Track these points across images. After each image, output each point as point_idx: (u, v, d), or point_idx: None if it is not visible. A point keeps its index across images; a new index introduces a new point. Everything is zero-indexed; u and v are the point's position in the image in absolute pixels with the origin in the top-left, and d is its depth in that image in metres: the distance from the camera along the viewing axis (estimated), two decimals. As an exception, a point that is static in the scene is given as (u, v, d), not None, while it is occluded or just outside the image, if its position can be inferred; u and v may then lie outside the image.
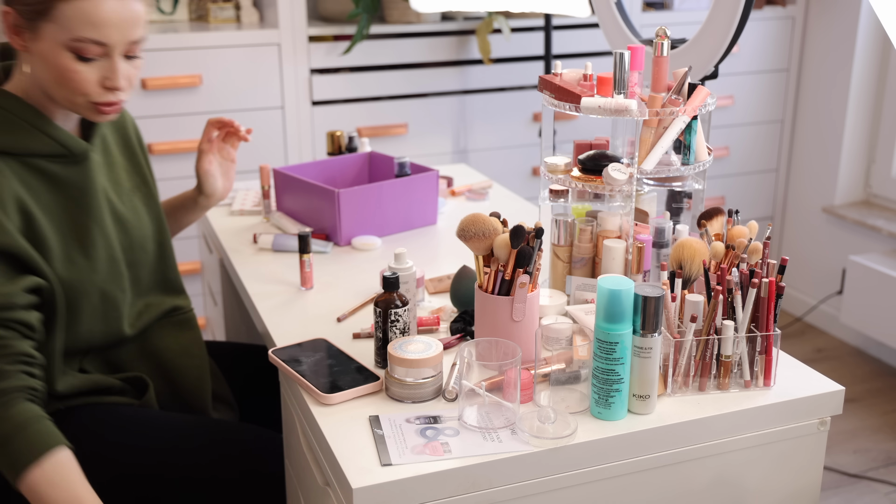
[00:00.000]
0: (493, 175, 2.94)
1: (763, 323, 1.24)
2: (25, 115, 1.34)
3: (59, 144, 1.36)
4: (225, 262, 1.87)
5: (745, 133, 3.41)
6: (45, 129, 1.35)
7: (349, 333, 1.43)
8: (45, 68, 1.31)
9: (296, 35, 2.77)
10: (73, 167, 1.39)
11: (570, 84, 1.42)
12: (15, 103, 1.34)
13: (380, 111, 2.92)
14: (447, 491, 1.09)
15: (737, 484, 1.25)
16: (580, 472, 1.15)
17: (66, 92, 1.32)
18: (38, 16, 1.28)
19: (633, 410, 1.20)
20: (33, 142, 1.34)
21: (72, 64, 1.29)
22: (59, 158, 1.37)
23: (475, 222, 1.27)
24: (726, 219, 1.37)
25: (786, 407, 1.24)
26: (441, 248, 1.83)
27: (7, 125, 1.33)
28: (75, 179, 1.39)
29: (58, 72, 1.30)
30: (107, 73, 1.32)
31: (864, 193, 3.30)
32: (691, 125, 1.37)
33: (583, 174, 1.43)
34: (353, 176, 2.04)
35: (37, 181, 1.35)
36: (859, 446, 2.61)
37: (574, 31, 3.07)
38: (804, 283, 3.44)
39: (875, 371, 3.05)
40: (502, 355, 1.20)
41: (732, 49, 1.75)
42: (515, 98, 3.07)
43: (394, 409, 1.21)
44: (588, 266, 1.47)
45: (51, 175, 1.37)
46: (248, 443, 1.48)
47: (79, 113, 1.36)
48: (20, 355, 1.27)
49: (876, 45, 3.14)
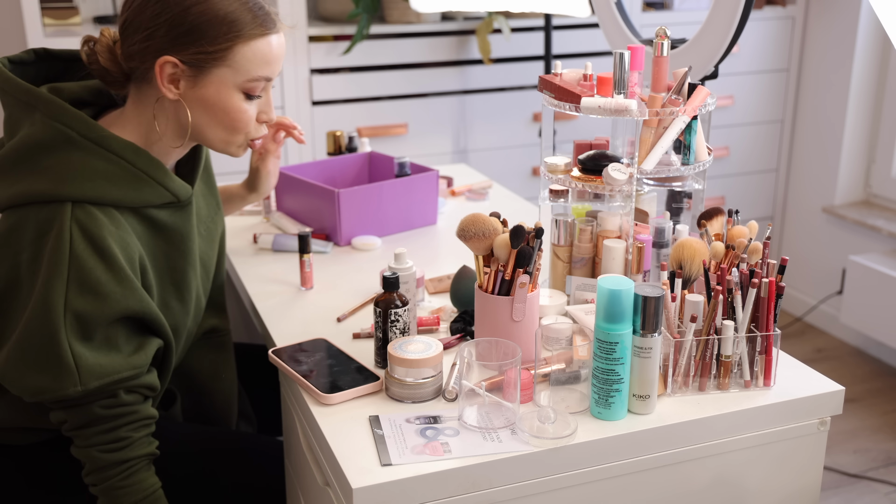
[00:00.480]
0: (493, 175, 2.94)
1: (763, 323, 1.24)
2: (149, 168, 1.29)
3: (171, 194, 1.33)
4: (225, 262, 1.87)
5: (745, 133, 3.41)
6: (162, 181, 1.31)
7: (349, 333, 1.43)
8: (204, 112, 1.29)
9: (296, 35, 2.77)
10: (178, 213, 1.37)
11: (570, 84, 1.42)
12: (141, 157, 1.29)
13: (380, 111, 2.92)
14: (447, 491, 1.09)
15: (737, 484, 1.25)
16: (580, 472, 1.15)
17: (227, 133, 1.32)
18: (213, 63, 1.26)
19: (633, 410, 1.20)
20: (152, 194, 1.30)
21: (241, 104, 1.30)
22: (167, 206, 1.34)
23: (475, 222, 1.27)
24: (726, 219, 1.37)
25: (786, 407, 1.24)
26: (441, 248, 1.83)
27: (133, 180, 1.28)
28: (179, 225, 1.37)
29: (224, 114, 1.29)
30: (263, 107, 1.34)
31: (864, 193, 3.30)
32: (691, 125, 1.37)
33: (583, 174, 1.43)
34: (353, 176, 2.04)
35: (143, 229, 1.32)
36: (859, 446, 2.61)
37: (574, 31, 3.07)
38: (804, 283, 3.44)
39: (875, 371, 3.05)
40: (502, 355, 1.20)
41: (732, 49, 1.75)
42: (515, 98, 3.07)
43: (394, 409, 1.21)
44: (588, 266, 1.47)
45: (156, 222, 1.34)
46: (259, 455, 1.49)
47: (227, 152, 1.35)
48: (145, 419, 1.29)
49: (876, 45, 3.14)
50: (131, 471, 1.26)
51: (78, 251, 1.20)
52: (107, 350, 1.23)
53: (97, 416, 1.23)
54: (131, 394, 1.26)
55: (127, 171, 1.27)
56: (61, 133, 1.25)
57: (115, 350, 1.24)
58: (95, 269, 1.21)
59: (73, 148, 1.25)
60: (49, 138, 1.25)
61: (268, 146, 1.63)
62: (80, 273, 1.20)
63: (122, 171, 1.27)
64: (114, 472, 1.25)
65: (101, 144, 1.26)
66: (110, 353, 1.23)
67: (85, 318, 1.20)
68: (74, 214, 1.22)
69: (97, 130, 1.26)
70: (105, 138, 1.27)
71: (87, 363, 1.20)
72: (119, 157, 1.27)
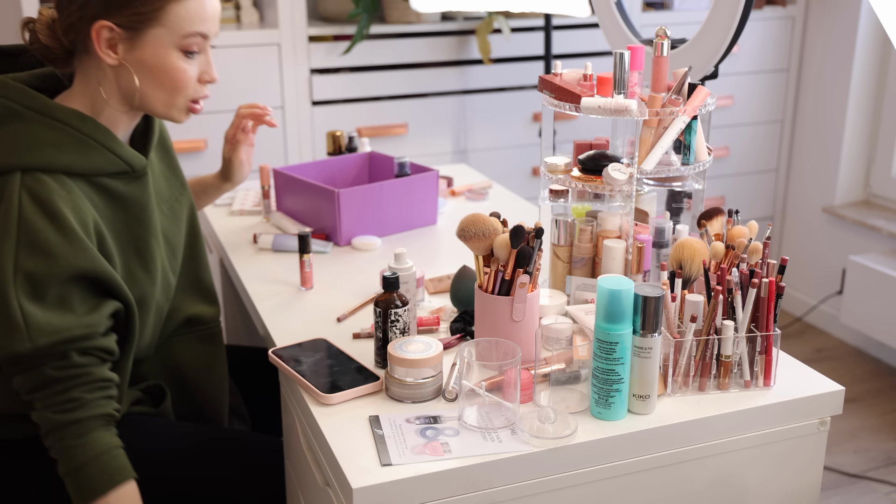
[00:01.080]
0: (493, 175, 2.94)
1: (763, 323, 1.24)
2: (96, 133, 1.32)
3: (124, 162, 1.35)
4: (225, 262, 1.87)
5: (745, 133, 3.41)
6: (112, 148, 1.34)
7: (349, 333, 1.43)
8: (145, 75, 1.32)
9: (296, 35, 2.77)
10: (134, 183, 1.39)
11: (570, 84, 1.42)
12: (86, 123, 1.32)
13: (380, 111, 2.92)
14: (447, 491, 1.09)
15: (737, 484, 1.25)
16: (580, 472, 1.15)
17: (168, 94, 1.34)
18: (147, 23, 1.29)
19: (633, 410, 1.20)
20: (103, 161, 1.33)
21: (179, 63, 1.32)
22: (122, 176, 1.37)
23: (475, 222, 1.27)
24: (726, 219, 1.37)
25: (786, 407, 1.24)
26: (441, 248, 1.83)
27: (79, 146, 1.30)
28: (136, 195, 1.39)
29: (164, 74, 1.32)
30: (203, 67, 1.37)
31: (864, 193, 3.30)
32: (691, 125, 1.37)
33: (583, 174, 1.43)
34: (353, 176, 2.04)
35: (100, 199, 1.34)
36: (859, 446, 2.61)
37: (574, 31, 3.07)
38: (804, 283, 3.44)
39: (875, 371, 3.05)
40: (502, 355, 1.20)
41: (732, 49, 1.75)
42: (515, 98, 3.07)
43: (394, 409, 1.21)
44: (588, 266, 1.47)
45: (113, 192, 1.36)
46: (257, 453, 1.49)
47: (168, 116, 1.37)
48: (100, 381, 1.28)
49: (876, 45, 3.14)
50: (85, 430, 1.25)
51: (27, 214, 1.24)
52: (59, 310, 1.24)
53: (50, 378, 1.24)
54: (85, 356, 1.26)
55: (73, 138, 1.30)
56: (4, 107, 1.29)
57: (69, 310, 1.25)
58: (45, 231, 1.23)
59: (17, 119, 1.29)
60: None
61: (238, 136, 1.67)
62: (30, 235, 1.23)
63: (68, 138, 1.30)
64: (67, 431, 1.24)
65: (45, 113, 1.30)
66: (62, 313, 1.24)
67: (35, 278, 1.22)
68: (24, 182, 1.25)
69: (39, 100, 1.30)
70: (48, 106, 1.30)
71: (36, 321, 1.21)
72: (63, 124, 1.30)
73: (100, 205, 1.34)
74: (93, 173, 1.32)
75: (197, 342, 1.56)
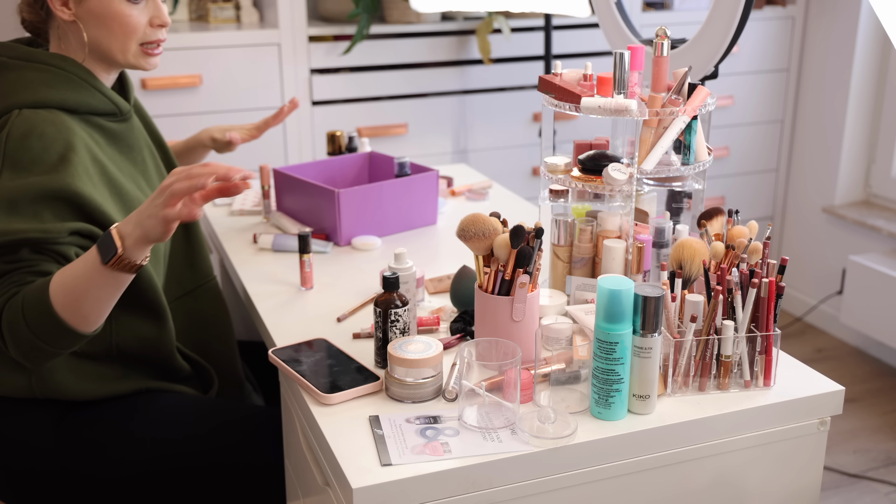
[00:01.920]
0: (493, 175, 2.94)
1: (763, 323, 1.24)
2: (83, 74, 1.42)
3: (111, 102, 1.46)
4: (225, 262, 1.87)
5: (745, 133, 3.41)
6: (98, 87, 1.44)
7: (349, 333, 1.43)
8: (97, 25, 1.41)
9: (296, 35, 2.77)
10: (123, 124, 1.51)
11: (570, 84, 1.42)
12: (73, 65, 1.42)
13: (380, 111, 2.92)
14: (447, 491, 1.09)
15: (737, 484, 1.25)
16: (580, 472, 1.15)
17: (121, 40, 1.42)
18: None
19: (633, 410, 1.20)
20: (92, 99, 1.43)
21: (125, 9, 1.41)
22: (112, 116, 1.48)
23: (475, 222, 1.27)
24: (726, 219, 1.37)
25: (786, 407, 1.24)
26: (441, 248, 1.83)
27: (70, 84, 1.41)
28: (127, 135, 1.51)
29: (112, 20, 1.41)
30: (153, 11, 1.45)
31: (864, 193, 3.30)
32: (691, 125, 1.37)
33: (583, 174, 1.43)
34: (353, 176, 2.04)
35: (99, 136, 1.45)
36: (859, 446, 2.61)
37: (574, 31, 3.07)
38: (804, 283, 3.44)
39: (875, 371, 3.05)
40: (502, 355, 1.20)
41: (732, 49, 1.74)
42: (515, 98, 3.07)
43: (394, 409, 1.21)
44: (588, 266, 1.47)
45: (108, 130, 1.47)
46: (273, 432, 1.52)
47: (129, 63, 1.46)
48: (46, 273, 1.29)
49: (876, 45, 3.14)
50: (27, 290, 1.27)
51: (14, 135, 1.32)
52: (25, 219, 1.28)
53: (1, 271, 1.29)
54: (38, 254, 1.30)
55: (59, 76, 1.41)
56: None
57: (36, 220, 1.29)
58: (28, 150, 1.31)
59: (6, 70, 1.41)
60: None
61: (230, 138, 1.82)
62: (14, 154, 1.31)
63: (55, 76, 1.40)
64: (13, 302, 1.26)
65: (31, 59, 1.42)
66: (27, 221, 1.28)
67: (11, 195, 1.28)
68: (21, 113, 1.35)
69: (22, 49, 1.43)
70: (31, 53, 1.42)
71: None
72: (48, 65, 1.41)
73: (100, 141, 1.45)
74: (86, 111, 1.43)
75: (193, 301, 1.63)
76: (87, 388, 1.45)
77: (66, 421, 1.44)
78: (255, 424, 1.51)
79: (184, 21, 3.00)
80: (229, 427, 1.49)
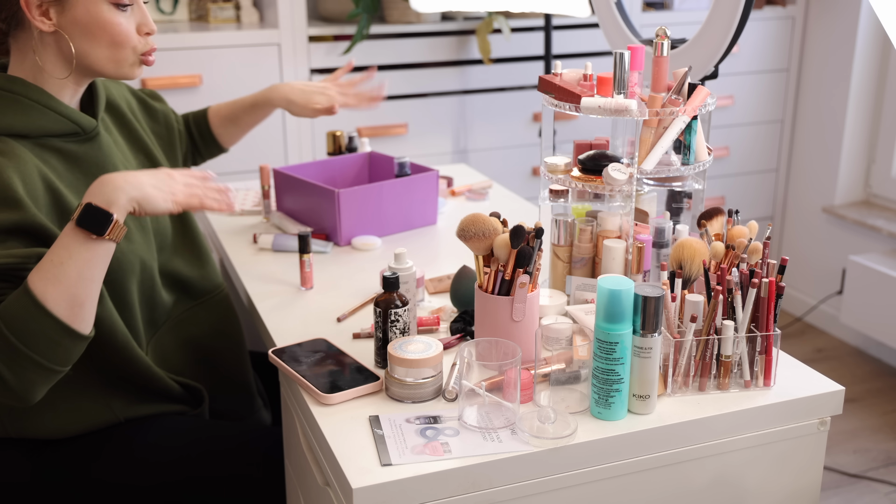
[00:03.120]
0: (493, 175, 2.94)
1: (763, 323, 1.24)
2: (33, 95, 1.33)
3: (70, 122, 1.36)
4: (225, 262, 1.87)
5: (745, 133, 3.41)
6: (54, 108, 1.34)
7: (349, 333, 1.43)
8: (83, 35, 1.32)
9: (296, 35, 2.77)
10: (87, 144, 1.40)
11: (570, 84, 1.42)
12: (22, 85, 1.33)
13: (380, 111, 2.92)
14: (447, 491, 1.09)
15: (737, 484, 1.25)
16: (580, 472, 1.15)
17: (110, 51, 1.34)
18: None
19: (633, 410, 1.20)
20: (45, 121, 1.33)
21: (114, 17, 1.32)
22: (72, 137, 1.38)
23: (475, 222, 1.27)
24: (726, 219, 1.37)
25: (786, 407, 1.24)
26: (441, 248, 1.83)
27: (17, 107, 1.31)
28: (92, 155, 1.40)
29: (100, 30, 1.32)
30: (140, 19, 1.37)
31: (864, 193, 3.30)
32: (691, 125, 1.37)
33: (583, 174, 1.43)
34: (353, 176, 2.04)
35: (56, 160, 1.35)
36: (859, 446, 2.61)
37: (574, 31, 3.07)
38: (804, 283, 3.44)
39: (875, 371, 3.05)
40: (502, 355, 1.20)
41: (732, 49, 1.74)
42: (515, 98, 3.07)
43: (394, 409, 1.21)
44: (588, 266, 1.47)
45: (67, 153, 1.37)
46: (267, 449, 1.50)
47: (120, 73, 1.37)
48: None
49: (876, 45, 3.14)
50: None
51: None
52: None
53: None
54: (4, 281, 1.22)
55: (8, 100, 1.31)
56: None
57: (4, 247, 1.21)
58: None
59: None
60: None
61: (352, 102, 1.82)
62: None
63: (4, 101, 1.30)
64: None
65: None
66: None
67: None
68: None
69: None
70: None
71: None
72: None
73: (56, 166, 1.35)
74: (38, 134, 1.33)
75: (204, 311, 1.59)
76: (64, 425, 1.39)
77: (44, 457, 1.40)
78: (244, 446, 1.48)
79: (184, 21, 3.00)
80: (217, 455, 1.45)
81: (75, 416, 1.40)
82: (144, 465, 1.42)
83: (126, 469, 1.41)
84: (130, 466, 1.41)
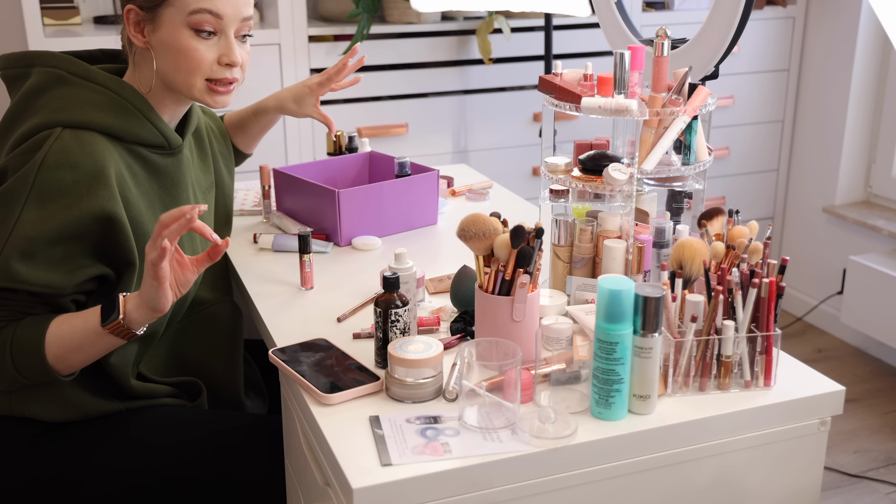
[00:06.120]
0: (493, 175, 2.94)
1: (763, 323, 1.23)
2: (138, 104, 1.40)
3: (161, 135, 1.43)
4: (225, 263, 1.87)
5: (746, 133, 3.41)
6: (152, 120, 1.42)
7: (349, 333, 1.43)
8: (166, 56, 1.39)
9: (296, 35, 2.77)
10: (169, 158, 1.48)
11: (570, 84, 1.42)
12: (131, 93, 1.40)
13: (380, 111, 2.92)
14: (447, 491, 1.09)
15: (737, 484, 1.25)
16: (580, 472, 1.15)
17: (185, 74, 1.39)
18: (161, 3, 1.37)
19: (633, 410, 1.20)
20: (141, 129, 1.41)
21: (191, 42, 1.38)
22: (159, 149, 1.45)
23: (475, 222, 1.27)
24: (726, 219, 1.37)
25: (786, 407, 1.24)
26: (441, 248, 1.83)
27: (121, 111, 1.39)
28: (171, 170, 1.48)
29: (178, 52, 1.38)
30: (223, 49, 1.41)
31: (865, 193, 3.30)
32: (691, 125, 1.37)
33: (583, 174, 1.43)
34: (353, 176, 2.04)
35: (139, 167, 1.42)
36: (859, 446, 2.61)
37: (574, 31, 3.07)
38: (804, 283, 3.44)
39: (875, 371, 3.05)
40: (502, 355, 1.20)
41: (733, 49, 1.74)
42: (515, 98, 3.07)
43: (394, 409, 1.21)
44: (588, 266, 1.47)
45: (151, 163, 1.45)
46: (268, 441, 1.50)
47: (194, 97, 1.42)
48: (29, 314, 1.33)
49: (876, 45, 3.14)
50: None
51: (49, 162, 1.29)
52: (37, 266, 1.29)
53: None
54: (33, 296, 1.32)
55: (112, 100, 1.38)
56: (52, 74, 1.39)
57: (48, 267, 1.30)
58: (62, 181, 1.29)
59: (64, 84, 1.38)
60: (42, 81, 1.39)
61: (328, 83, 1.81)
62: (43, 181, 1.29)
63: (108, 100, 1.38)
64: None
65: (88, 78, 1.39)
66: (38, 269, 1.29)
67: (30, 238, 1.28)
68: (62, 136, 1.32)
69: (83, 66, 1.40)
70: (90, 72, 1.39)
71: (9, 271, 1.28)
72: (104, 88, 1.39)
73: (138, 172, 1.42)
74: (131, 139, 1.40)
75: (192, 325, 1.61)
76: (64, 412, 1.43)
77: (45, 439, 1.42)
78: (240, 438, 1.48)
79: (184, 21, 2.99)
80: (217, 441, 1.46)
81: (79, 402, 1.44)
82: (146, 447, 1.43)
83: (128, 454, 1.43)
84: (133, 451, 1.43)
